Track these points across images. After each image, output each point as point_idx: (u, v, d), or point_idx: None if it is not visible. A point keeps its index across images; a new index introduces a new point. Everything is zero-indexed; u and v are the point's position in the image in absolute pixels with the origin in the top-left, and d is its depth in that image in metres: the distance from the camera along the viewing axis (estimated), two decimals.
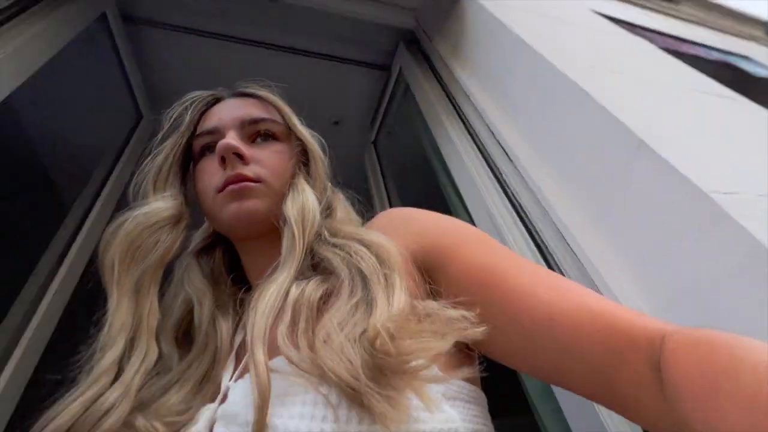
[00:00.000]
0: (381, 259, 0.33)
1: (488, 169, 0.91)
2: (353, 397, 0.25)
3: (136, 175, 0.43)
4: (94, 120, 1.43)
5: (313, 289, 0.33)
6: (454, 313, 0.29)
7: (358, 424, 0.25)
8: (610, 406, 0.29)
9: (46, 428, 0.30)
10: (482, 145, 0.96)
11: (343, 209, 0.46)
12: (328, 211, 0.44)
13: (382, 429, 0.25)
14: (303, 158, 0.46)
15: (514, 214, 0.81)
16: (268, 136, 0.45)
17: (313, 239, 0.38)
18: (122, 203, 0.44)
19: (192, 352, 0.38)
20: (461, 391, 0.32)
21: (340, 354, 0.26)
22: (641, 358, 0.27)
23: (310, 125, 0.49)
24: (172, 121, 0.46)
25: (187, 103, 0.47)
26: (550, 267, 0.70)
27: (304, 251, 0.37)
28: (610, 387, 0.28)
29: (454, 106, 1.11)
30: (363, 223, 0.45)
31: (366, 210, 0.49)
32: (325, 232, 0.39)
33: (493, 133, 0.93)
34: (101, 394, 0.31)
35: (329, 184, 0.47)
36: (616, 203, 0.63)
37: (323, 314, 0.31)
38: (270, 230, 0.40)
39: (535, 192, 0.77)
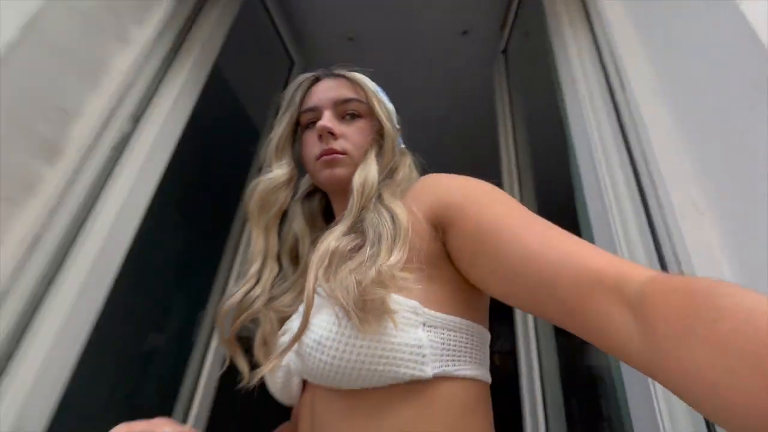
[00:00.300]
0: (395, 225, 0.45)
1: (602, 90, 0.82)
2: (349, 315, 0.40)
3: (265, 145, 0.62)
4: (252, 70, 1.59)
5: (347, 242, 0.47)
6: (401, 274, 0.42)
7: (351, 330, 0.40)
8: (580, 334, 0.34)
9: (227, 302, 0.53)
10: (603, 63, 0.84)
11: (405, 169, 0.58)
12: (390, 173, 0.56)
13: (362, 335, 0.39)
14: (379, 134, 0.58)
15: (621, 150, 0.75)
16: (355, 115, 0.58)
17: (366, 203, 0.51)
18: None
19: (299, 269, 0.59)
20: (443, 322, 0.43)
21: (343, 288, 0.41)
22: (606, 293, 0.31)
23: (438, 37, 0.57)
24: (288, 99, 0.61)
25: (296, 85, 0.61)
26: (642, 196, 0.67)
27: (358, 211, 0.50)
28: (573, 318, 0.34)
29: (584, 13, 0.95)
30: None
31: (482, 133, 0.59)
32: (374, 199, 0.51)
33: (613, 52, 0.80)
34: (251, 289, 0.53)
35: (398, 151, 0.59)
36: (733, 149, 0.54)
37: (348, 261, 0.45)
38: (349, 189, 0.53)
39: (641, 125, 0.69)
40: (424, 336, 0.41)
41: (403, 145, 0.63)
